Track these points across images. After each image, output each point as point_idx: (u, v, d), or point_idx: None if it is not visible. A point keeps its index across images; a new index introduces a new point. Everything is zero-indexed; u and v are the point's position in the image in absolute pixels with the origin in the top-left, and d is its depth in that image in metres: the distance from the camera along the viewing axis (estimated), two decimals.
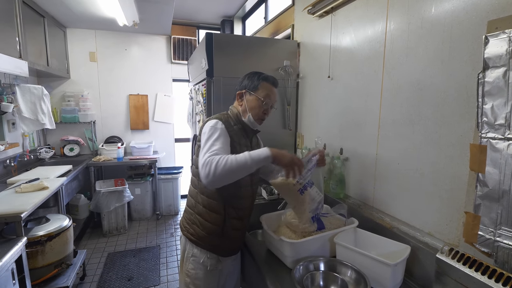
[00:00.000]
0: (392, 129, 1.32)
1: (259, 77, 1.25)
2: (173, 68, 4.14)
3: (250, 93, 1.24)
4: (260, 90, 1.23)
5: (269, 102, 1.24)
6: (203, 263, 1.25)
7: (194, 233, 1.26)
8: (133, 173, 3.64)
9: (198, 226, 1.25)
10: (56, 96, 3.61)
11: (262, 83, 1.23)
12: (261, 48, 2.06)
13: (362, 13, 1.48)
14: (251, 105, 1.23)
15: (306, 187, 1.20)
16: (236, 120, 1.26)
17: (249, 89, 1.24)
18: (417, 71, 1.17)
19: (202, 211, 1.24)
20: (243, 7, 3.68)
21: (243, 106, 1.25)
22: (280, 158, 1.05)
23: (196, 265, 1.26)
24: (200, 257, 1.25)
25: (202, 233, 1.24)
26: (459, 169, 1.02)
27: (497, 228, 0.88)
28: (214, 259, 1.25)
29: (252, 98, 1.24)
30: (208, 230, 1.23)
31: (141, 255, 2.88)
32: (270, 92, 1.24)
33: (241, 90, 1.27)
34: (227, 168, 1.00)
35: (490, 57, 0.87)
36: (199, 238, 1.24)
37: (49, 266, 1.93)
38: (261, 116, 1.26)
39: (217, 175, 1.00)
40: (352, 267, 1.06)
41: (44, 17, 2.89)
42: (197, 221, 1.25)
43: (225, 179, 1.03)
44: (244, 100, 1.25)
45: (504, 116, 0.85)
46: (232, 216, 1.24)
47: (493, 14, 0.89)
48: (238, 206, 1.25)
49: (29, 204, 1.75)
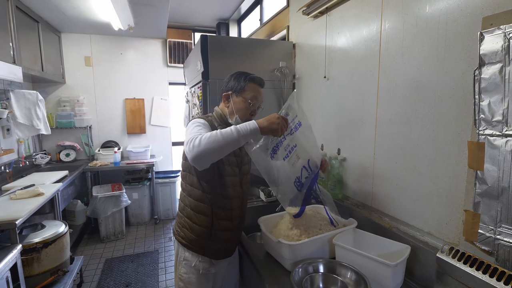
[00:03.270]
0: (389, 128, 1.31)
1: (245, 78, 1.22)
2: (169, 71, 4.13)
3: (237, 95, 1.22)
4: (247, 92, 1.21)
5: (256, 103, 1.23)
6: (195, 266, 1.23)
7: (185, 236, 1.24)
8: (130, 177, 3.61)
9: (187, 229, 1.23)
10: (51, 101, 3.58)
11: (249, 84, 1.21)
12: (256, 50, 2.06)
13: (357, 12, 1.48)
14: (238, 106, 1.21)
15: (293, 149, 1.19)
16: (220, 120, 1.25)
17: (235, 90, 1.22)
18: (413, 70, 1.17)
19: (190, 214, 1.23)
20: (238, 10, 3.68)
21: (230, 107, 1.23)
22: (270, 127, 1.01)
23: (189, 269, 1.24)
24: (192, 261, 1.23)
25: (192, 236, 1.22)
26: (457, 167, 1.01)
27: (497, 226, 0.87)
28: (206, 263, 1.23)
29: (239, 99, 1.21)
30: (197, 232, 1.21)
31: (139, 260, 2.85)
32: (257, 93, 1.22)
33: (227, 92, 1.24)
34: (212, 140, 0.97)
35: (486, 54, 0.87)
36: (189, 241, 1.23)
37: (45, 273, 1.90)
38: (248, 117, 1.23)
39: (202, 148, 0.96)
40: (352, 268, 1.05)
41: (38, 22, 2.87)
42: (186, 224, 1.24)
43: (210, 153, 0.98)
44: (231, 101, 1.23)
45: (501, 112, 0.84)
46: (221, 217, 1.22)
47: (488, 10, 0.89)
48: (226, 206, 1.22)
49: (24, 211, 1.72)
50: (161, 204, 3.82)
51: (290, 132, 1.17)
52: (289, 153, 1.19)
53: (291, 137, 1.18)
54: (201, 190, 1.19)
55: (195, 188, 1.20)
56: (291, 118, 1.16)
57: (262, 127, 1.01)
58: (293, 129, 1.18)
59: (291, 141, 1.19)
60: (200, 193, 1.19)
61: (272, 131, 1.02)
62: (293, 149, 1.20)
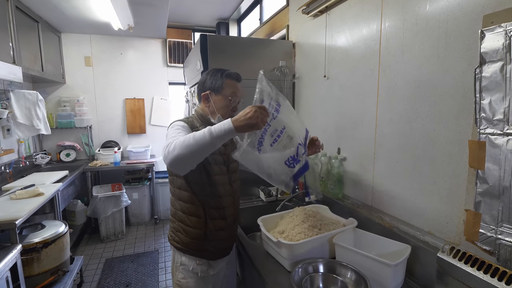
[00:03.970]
0: (389, 127, 1.30)
1: (222, 75, 1.20)
2: (169, 71, 4.13)
3: (216, 93, 1.20)
4: (226, 89, 1.19)
5: (236, 99, 1.21)
6: (193, 270, 1.21)
7: (180, 240, 1.22)
8: (130, 177, 3.61)
9: (182, 233, 1.22)
10: (51, 101, 3.58)
11: (226, 81, 1.19)
12: (256, 49, 2.05)
13: (357, 11, 1.47)
14: (218, 105, 1.20)
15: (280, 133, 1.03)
16: (202, 120, 1.23)
17: (213, 89, 1.20)
18: (413, 68, 1.16)
19: (182, 217, 1.21)
20: (238, 9, 3.68)
21: (211, 107, 1.21)
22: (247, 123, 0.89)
23: (186, 274, 1.23)
24: (189, 265, 1.22)
25: (187, 239, 1.20)
26: (458, 166, 1.00)
27: (499, 226, 0.86)
28: (204, 265, 1.22)
29: (219, 98, 1.20)
30: (192, 235, 1.20)
31: (139, 260, 2.85)
32: (235, 89, 1.21)
33: (205, 92, 1.22)
34: (185, 144, 0.91)
35: (487, 52, 0.86)
36: (185, 245, 1.21)
37: (45, 273, 1.90)
38: (230, 114, 1.21)
39: (176, 154, 0.92)
40: (352, 268, 1.04)
41: (38, 22, 2.87)
42: (180, 228, 1.22)
43: (185, 158, 0.92)
44: (211, 101, 1.21)
45: (502, 111, 0.83)
46: (214, 217, 1.20)
47: (488, 8, 0.88)
48: (218, 205, 1.21)
49: (24, 211, 1.72)
50: (161, 204, 3.82)
51: (273, 117, 1.02)
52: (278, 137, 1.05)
53: (275, 121, 1.03)
54: (191, 192, 1.17)
55: (184, 191, 1.19)
56: (267, 102, 1.00)
57: (237, 126, 0.89)
58: (274, 112, 1.02)
59: (278, 125, 1.04)
60: (189, 195, 1.18)
61: (251, 126, 0.90)
62: (282, 132, 1.06)
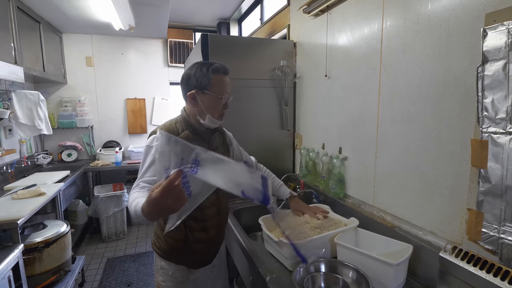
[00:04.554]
0: (391, 126, 1.30)
1: (208, 71, 1.07)
2: (170, 71, 4.13)
3: (203, 92, 1.07)
4: (214, 86, 1.07)
5: (227, 96, 1.11)
6: (172, 274, 1.20)
7: (160, 247, 1.20)
8: (131, 177, 3.62)
9: (162, 241, 1.19)
10: (53, 101, 3.59)
11: (214, 77, 1.07)
12: (257, 49, 2.05)
13: (358, 10, 1.47)
14: (207, 104, 1.08)
15: None
16: (185, 125, 1.14)
17: (200, 88, 1.08)
18: (415, 67, 1.16)
19: (162, 226, 1.18)
20: (239, 9, 3.67)
21: (199, 107, 1.09)
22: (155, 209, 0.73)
23: (166, 277, 1.21)
24: (169, 270, 1.20)
25: (166, 248, 1.18)
26: (460, 165, 1.00)
27: (501, 225, 0.86)
28: (184, 271, 1.20)
29: (207, 97, 1.08)
30: (170, 245, 1.17)
31: (140, 260, 2.85)
32: (224, 84, 1.09)
33: (190, 91, 1.09)
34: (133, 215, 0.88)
35: (489, 50, 0.85)
36: (164, 252, 1.19)
37: (47, 273, 1.90)
38: (221, 112, 1.12)
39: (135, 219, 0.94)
40: (353, 267, 1.04)
41: (39, 22, 2.88)
42: (160, 235, 1.20)
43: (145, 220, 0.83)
44: (198, 101, 1.08)
45: (505, 109, 0.83)
46: (194, 229, 1.15)
47: (491, 6, 0.88)
48: (198, 217, 1.14)
49: (26, 211, 1.73)
50: None
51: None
52: None
53: None
54: None
55: None
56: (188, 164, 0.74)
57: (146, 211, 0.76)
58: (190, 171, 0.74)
59: None
60: None
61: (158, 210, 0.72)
62: None
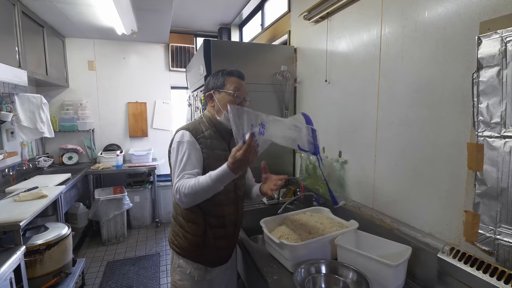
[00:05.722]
0: (389, 130, 1.33)
1: (223, 74, 1.22)
2: (171, 75, 4.17)
3: (219, 91, 1.21)
4: (228, 85, 1.20)
5: (241, 95, 1.21)
6: (190, 273, 1.22)
7: (178, 244, 1.23)
8: (132, 180, 3.63)
9: (181, 238, 1.22)
10: (55, 104, 3.62)
11: (228, 78, 1.21)
12: (258, 54, 2.09)
13: (357, 17, 1.51)
14: (222, 102, 1.19)
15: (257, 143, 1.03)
16: (209, 124, 1.23)
17: (216, 88, 1.21)
18: (413, 73, 1.19)
19: (182, 223, 1.22)
20: (240, 15, 3.73)
21: (216, 106, 1.22)
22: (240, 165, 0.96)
23: (183, 276, 1.23)
24: (187, 268, 1.22)
25: (185, 245, 1.21)
26: (457, 168, 1.03)
27: (497, 226, 0.88)
28: (201, 270, 1.22)
29: (222, 95, 1.20)
30: (190, 241, 1.20)
31: (140, 263, 2.85)
32: (238, 85, 1.21)
33: (209, 91, 1.24)
34: (193, 192, 1.02)
35: (484, 57, 0.89)
36: (183, 250, 1.22)
37: (48, 275, 1.91)
38: None
39: (187, 200, 1.04)
40: (353, 269, 1.05)
41: (43, 27, 2.91)
42: (180, 232, 1.23)
43: (196, 201, 1.06)
44: (215, 100, 1.22)
45: (499, 114, 0.86)
46: (213, 225, 1.20)
47: (485, 15, 0.91)
48: (218, 214, 1.21)
49: (28, 213, 1.74)
50: (162, 207, 3.83)
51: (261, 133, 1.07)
52: None
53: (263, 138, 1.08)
54: None
55: None
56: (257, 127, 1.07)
57: (233, 169, 0.97)
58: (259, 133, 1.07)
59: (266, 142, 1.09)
60: None
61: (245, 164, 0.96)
62: None
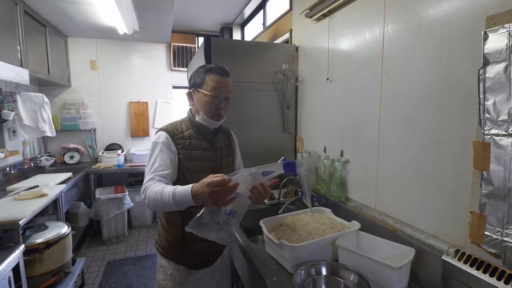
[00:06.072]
0: (392, 129, 1.30)
1: (203, 71, 1.15)
2: (173, 75, 4.17)
3: (198, 90, 1.15)
4: (206, 84, 1.13)
5: (219, 95, 1.13)
6: (172, 274, 1.20)
7: (161, 244, 1.21)
8: (133, 180, 3.62)
9: (163, 238, 1.21)
10: (56, 104, 3.63)
11: (207, 75, 1.13)
12: (259, 53, 2.07)
13: (360, 14, 1.48)
14: (200, 102, 1.14)
15: None
16: (190, 124, 1.19)
17: (196, 86, 1.15)
18: (416, 70, 1.16)
19: (163, 223, 1.20)
20: (241, 14, 3.71)
21: (195, 105, 1.17)
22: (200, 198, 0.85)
23: (166, 276, 1.21)
24: (168, 269, 1.20)
25: (166, 246, 1.19)
26: (462, 168, 1.00)
27: (504, 228, 0.85)
28: (183, 271, 1.20)
29: (200, 95, 1.14)
30: (170, 243, 1.18)
31: (140, 263, 2.84)
32: (217, 84, 1.12)
33: (189, 90, 1.18)
34: (156, 203, 0.96)
35: (490, 53, 0.86)
36: (164, 250, 1.20)
37: (47, 274, 1.90)
38: (214, 111, 1.14)
39: (149, 205, 0.99)
40: (355, 270, 1.03)
41: (45, 26, 2.92)
42: (162, 233, 1.21)
43: (157, 210, 1.02)
44: (194, 99, 1.17)
45: (507, 111, 0.83)
46: None
47: (491, 10, 0.88)
48: None
49: (28, 211, 1.73)
50: None
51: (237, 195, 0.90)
52: None
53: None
54: None
55: None
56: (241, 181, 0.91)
57: (194, 192, 0.86)
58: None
59: None
60: None
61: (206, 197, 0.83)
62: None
